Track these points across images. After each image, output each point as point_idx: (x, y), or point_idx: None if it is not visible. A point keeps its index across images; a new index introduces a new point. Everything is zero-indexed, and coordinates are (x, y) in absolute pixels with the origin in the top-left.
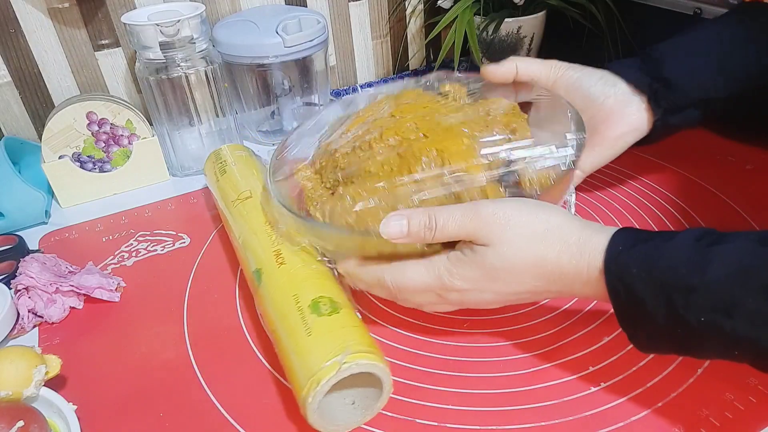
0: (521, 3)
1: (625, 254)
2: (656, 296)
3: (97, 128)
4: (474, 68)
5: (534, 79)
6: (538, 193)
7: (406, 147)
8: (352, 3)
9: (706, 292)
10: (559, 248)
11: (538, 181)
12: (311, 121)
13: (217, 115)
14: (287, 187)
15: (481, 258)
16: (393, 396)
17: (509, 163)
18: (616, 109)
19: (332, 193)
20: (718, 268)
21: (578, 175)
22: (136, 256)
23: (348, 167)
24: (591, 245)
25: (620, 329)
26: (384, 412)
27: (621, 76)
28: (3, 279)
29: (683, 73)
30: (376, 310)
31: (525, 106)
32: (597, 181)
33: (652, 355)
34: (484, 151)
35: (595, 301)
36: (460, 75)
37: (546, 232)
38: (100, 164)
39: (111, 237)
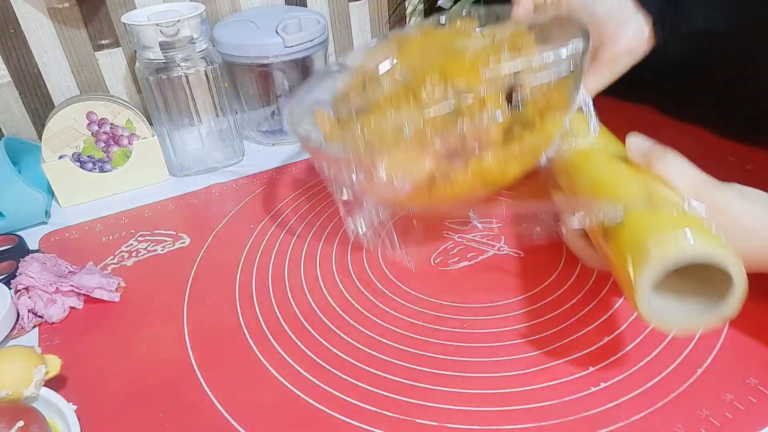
0: None
1: None
2: None
3: (97, 128)
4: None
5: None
6: (541, 97)
7: (411, 75)
8: (352, 3)
9: None
10: None
11: (539, 87)
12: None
13: (217, 115)
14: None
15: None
16: (393, 396)
17: (513, 75)
18: (618, 30)
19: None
20: None
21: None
22: (136, 256)
23: (360, 105)
24: None
25: (620, 329)
26: (384, 412)
27: None
28: (3, 279)
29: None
30: (375, 309)
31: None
32: None
33: (651, 356)
34: (487, 67)
35: (595, 301)
36: (470, 8)
37: None
38: (100, 164)
39: (111, 237)
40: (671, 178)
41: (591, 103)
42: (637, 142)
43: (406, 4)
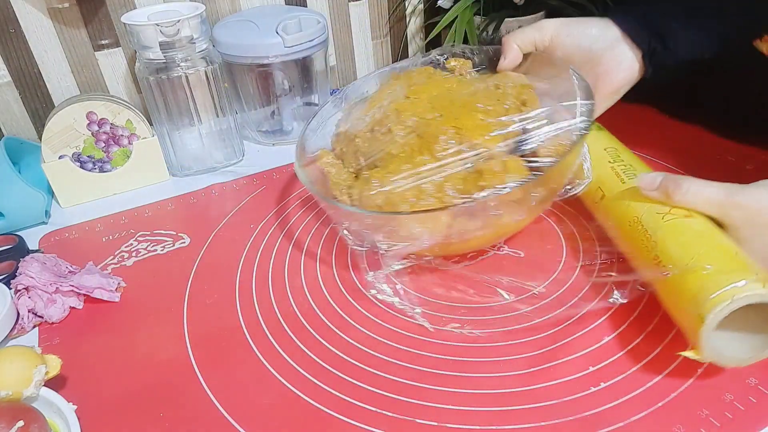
0: (521, 3)
1: None
2: None
3: (97, 128)
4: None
5: (534, 47)
6: (555, 159)
7: (424, 127)
8: (352, 3)
9: None
10: None
11: (555, 149)
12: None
13: (217, 115)
14: (313, 172)
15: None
16: (393, 396)
17: (523, 132)
18: (612, 66)
19: (356, 177)
20: None
21: None
22: (136, 256)
23: (369, 151)
24: None
25: (620, 329)
26: (384, 412)
27: (620, 28)
28: (3, 279)
29: (679, 32)
30: (375, 309)
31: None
32: None
33: (651, 356)
34: (498, 125)
35: (595, 301)
36: (464, 47)
37: None
38: (100, 164)
39: (111, 237)
40: (694, 204)
41: (586, 148)
42: (648, 179)
43: (406, 4)
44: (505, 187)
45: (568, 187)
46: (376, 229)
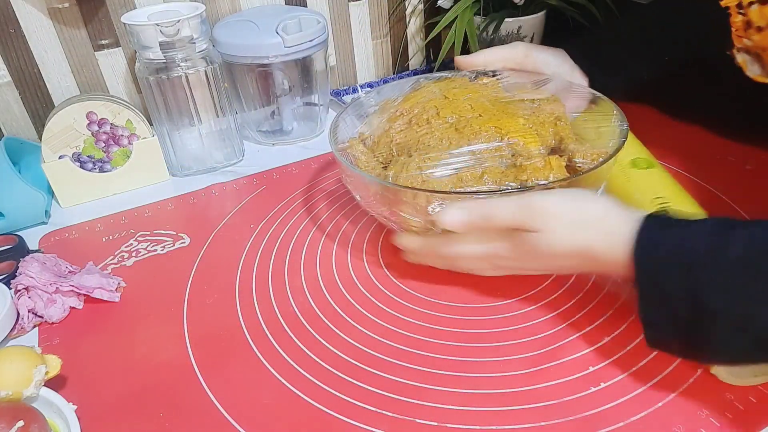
0: (521, 3)
1: (656, 234)
2: (679, 275)
3: (97, 128)
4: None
5: (503, 63)
6: (589, 167)
7: (464, 123)
8: (352, 3)
9: (726, 273)
10: (597, 237)
11: (591, 155)
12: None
13: (217, 115)
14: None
15: (529, 242)
16: (393, 396)
17: (559, 140)
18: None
19: (384, 167)
20: (738, 249)
21: None
22: (136, 256)
23: (405, 141)
24: (625, 231)
25: (620, 329)
26: (384, 412)
27: (572, 58)
28: (3, 279)
29: (615, 57)
30: (375, 309)
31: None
32: None
33: (651, 356)
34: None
35: (595, 301)
36: (492, 72)
37: (586, 222)
38: (100, 164)
39: (111, 237)
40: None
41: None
42: (446, 217)
43: (406, 4)
44: (548, 182)
45: None
46: (420, 211)
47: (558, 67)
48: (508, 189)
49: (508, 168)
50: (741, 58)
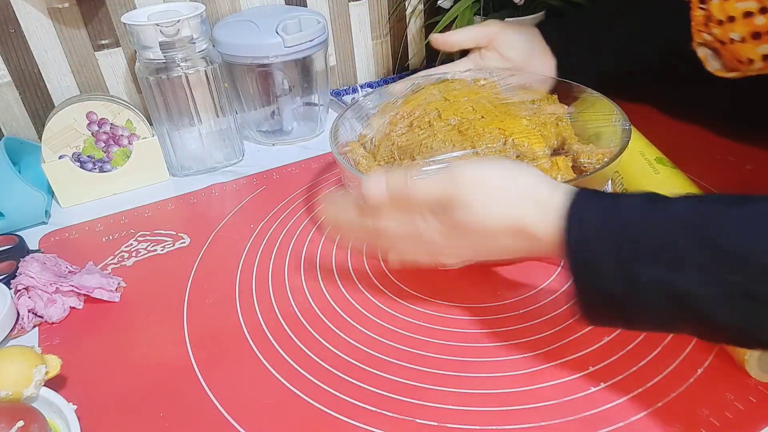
0: (521, 3)
1: (584, 206)
2: (608, 247)
3: (97, 128)
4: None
5: (476, 41)
6: (595, 167)
7: (467, 125)
8: (352, 3)
9: (656, 246)
10: (530, 208)
11: (596, 156)
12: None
13: (217, 115)
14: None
15: (455, 215)
16: (393, 396)
17: (562, 141)
18: (544, 67)
19: (382, 167)
20: (668, 223)
21: None
22: (136, 256)
23: (407, 144)
24: (557, 203)
25: (620, 329)
26: (384, 412)
27: (544, 38)
28: (3, 279)
29: (586, 41)
30: (375, 309)
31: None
32: None
33: (651, 355)
34: (545, 134)
35: None
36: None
37: (518, 192)
38: (100, 164)
39: (111, 237)
40: (425, 195)
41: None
42: (373, 189)
43: (406, 4)
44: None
45: None
46: None
47: (529, 44)
48: None
49: None
50: (702, 53)
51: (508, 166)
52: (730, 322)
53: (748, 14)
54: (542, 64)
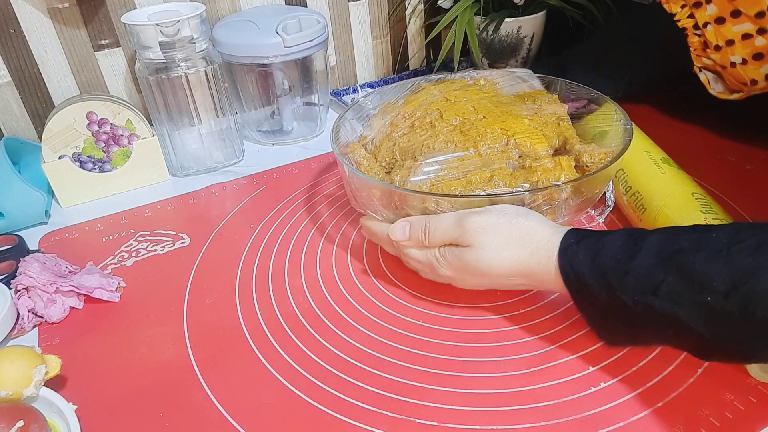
0: (521, 3)
1: (574, 246)
2: (598, 280)
3: (97, 128)
4: (473, 67)
5: None
6: (597, 167)
7: (469, 126)
8: (352, 3)
9: (635, 275)
10: (530, 251)
11: (598, 156)
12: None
13: (217, 115)
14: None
15: (463, 256)
16: (393, 396)
17: (564, 141)
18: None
19: (387, 172)
20: (644, 255)
21: None
22: (136, 256)
23: (408, 145)
24: (552, 245)
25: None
26: (384, 412)
27: (539, 80)
28: (3, 279)
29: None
30: (375, 309)
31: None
32: None
33: (651, 355)
34: (547, 134)
35: None
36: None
37: (519, 237)
38: (100, 164)
39: (111, 237)
40: (442, 239)
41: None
42: (399, 232)
43: (406, 4)
44: (560, 183)
45: (592, 211)
46: (422, 212)
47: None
48: (521, 191)
49: (517, 170)
50: (703, 77)
51: (512, 211)
52: (713, 339)
53: (746, 36)
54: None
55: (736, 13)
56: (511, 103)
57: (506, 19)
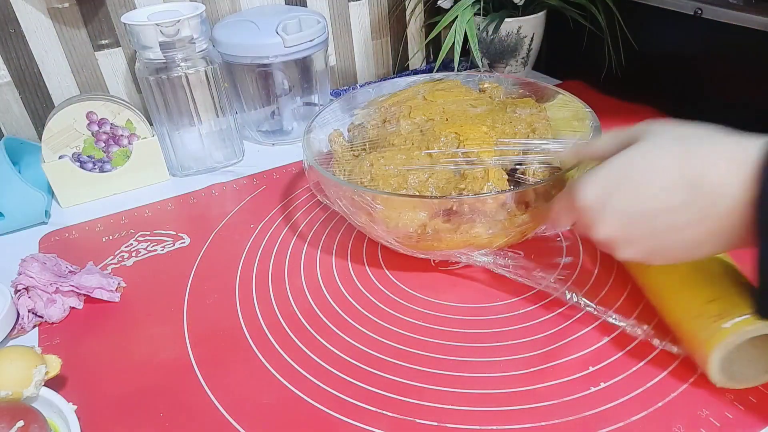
0: (521, 3)
1: None
2: None
3: (97, 128)
4: (473, 67)
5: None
6: (537, 183)
7: (429, 126)
8: (352, 3)
9: None
10: (705, 153)
11: (542, 174)
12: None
13: (217, 115)
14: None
15: (620, 157)
16: (393, 396)
17: (522, 154)
18: None
19: (356, 156)
20: None
21: None
22: (136, 256)
23: (375, 138)
24: (749, 154)
25: (620, 330)
26: (384, 412)
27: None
28: None
29: None
30: (375, 309)
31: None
32: None
33: (651, 355)
34: (500, 142)
35: (595, 301)
36: (499, 75)
37: (695, 134)
38: (100, 164)
39: (111, 237)
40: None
41: None
42: (565, 155)
43: (406, 4)
44: (480, 194)
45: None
46: (359, 207)
47: None
48: (452, 197)
49: (454, 175)
50: None
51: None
52: None
53: None
54: None
55: None
56: (490, 111)
57: (506, 19)
